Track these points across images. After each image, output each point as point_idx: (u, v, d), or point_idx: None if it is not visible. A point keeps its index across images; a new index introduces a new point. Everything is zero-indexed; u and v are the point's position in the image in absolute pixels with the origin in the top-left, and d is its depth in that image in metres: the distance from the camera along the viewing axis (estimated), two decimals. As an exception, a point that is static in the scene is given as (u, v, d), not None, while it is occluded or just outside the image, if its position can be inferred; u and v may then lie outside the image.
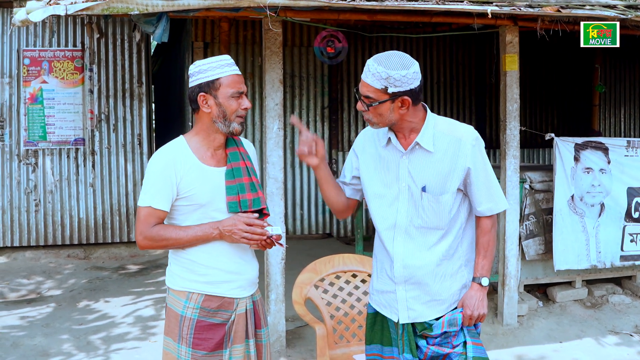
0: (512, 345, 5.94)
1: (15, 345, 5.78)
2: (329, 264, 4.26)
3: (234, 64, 3.03)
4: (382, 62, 2.84)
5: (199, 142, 3.04)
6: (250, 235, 2.96)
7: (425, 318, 3.04)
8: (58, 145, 8.89)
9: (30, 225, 8.86)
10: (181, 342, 3.00)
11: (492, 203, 3.08)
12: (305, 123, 10.28)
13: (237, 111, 2.98)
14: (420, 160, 2.99)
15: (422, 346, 3.06)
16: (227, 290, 3.05)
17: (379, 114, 2.91)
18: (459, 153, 2.97)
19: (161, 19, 5.19)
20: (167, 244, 3.00)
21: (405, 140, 3.02)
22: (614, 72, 12.32)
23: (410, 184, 2.99)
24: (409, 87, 2.86)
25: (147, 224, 2.97)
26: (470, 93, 11.28)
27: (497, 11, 5.43)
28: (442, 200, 2.98)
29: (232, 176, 3.04)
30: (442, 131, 3.01)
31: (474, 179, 3.01)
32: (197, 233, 2.97)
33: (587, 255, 6.66)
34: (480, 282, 3.09)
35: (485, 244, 3.12)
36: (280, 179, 5.59)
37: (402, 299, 3.05)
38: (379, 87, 2.84)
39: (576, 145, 6.53)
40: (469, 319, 3.05)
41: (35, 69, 8.79)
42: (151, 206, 2.96)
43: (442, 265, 3.03)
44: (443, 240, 3.03)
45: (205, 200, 2.99)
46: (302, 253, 8.12)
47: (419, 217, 3.00)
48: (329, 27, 6.90)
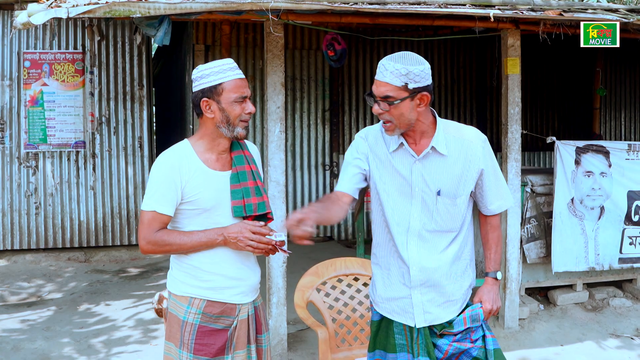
0: (513, 348, 5.93)
1: (15, 348, 5.77)
2: (330, 268, 4.25)
3: (237, 68, 3.01)
4: (399, 60, 2.82)
5: (204, 146, 3.01)
6: (256, 244, 2.94)
7: (441, 320, 3.06)
8: (58, 148, 8.88)
9: (31, 228, 8.85)
10: (182, 347, 2.98)
11: (502, 200, 3.15)
12: (307, 126, 10.29)
13: (241, 116, 2.96)
14: (434, 164, 2.98)
15: (442, 345, 3.06)
16: (230, 296, 3.04)
17: (400, 114, 2.87)
18: (471, 155, 2.99)
19: (163, 22, 5.18)
20: (171, 249, 2.97)
21: (416, 145, 2.99)
22: (615, 75, 12.33)
23: (425, 189, 2.98)
24: (427, 83, 2.85)
25: (151, 229, 2.94)
26: (472, 96, 11.28)
27: (499, 15, 5.43)
28: (457, 203, 3.00)
29: (237, 180, 3.02)
30: (453, 134, 3.01)
31: (486, 179, 3.05)
32: (201, 239, 2.95)
33: (585, 258, 6.65)
34: (495, 276, 3.18)
35: (496, 239, 3.22)
36: (282, 182, 5.59)
37: (418, 302, 3.04)
38: (399, 85, 2.81)
39: (577, 149, 6.53)
40: (488, 313, 3.11)
41: (35, 71, 8.79)
42: (155, 211, 2.93)
43: (454, 266, 3.06)
44: (454, 242, 3.05)
45: (210, 204, 2.97)
46: (303, 256, 8.09)
47: (432, 221, 3.00)
48: (331, 30, 6.91)
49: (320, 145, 10.38)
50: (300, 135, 10.29)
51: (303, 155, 10.31)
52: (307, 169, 10.32)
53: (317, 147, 10.37)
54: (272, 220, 3.18)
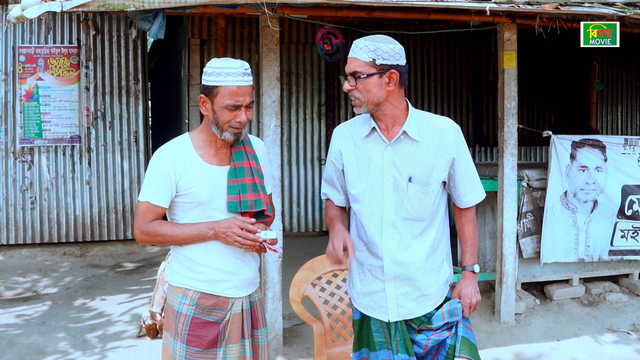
0: (509, 343, 5.93)
1: (11, 343, 5.76)
2: (326, 262, 4.24)
3: (246, 74, 2.96)
4: (369, 38, 2.93)
5: (203, 140, 3.04)
6: (243, 240, 2.95)
7: (416, 314, 3.06)
8: (54, 142, 8.85)
9: (26, 223, 8.83)
10: (177, 337, 3.02)
11: (475, 193, 3.16)
12: (302, 120, 10.27)
13: (231, 122, 2.95)
14: (405, 150, 2.98)
15: (420, 340, 3.06)
16: (223, 289, 3.04)
17: (367, 90, 2.90)
18: (444, 144, 2.99)
19: (157, 16, 5.16)
20: (163, 240, 3.03)
21: (389, 132, 3.01)
22: (612, 69, 12.33)
23: (396, 175, 2.98)
24: (397, 62, 2.89)
25: (145, 219, 3.00)
26: (468, 91, 11.27)
27: (495, 8, 5.41)
28: (428, 190, 2.99)
29: (234, 175, 3.02)
30: (426, 122, 3.03)
31: (458, 169, 3.05)
32: (192, 232, 2.98)
33: (575, 249, 6.67)
34: (472, 269, 3.17)
35: (471, 232, 3.22)
36: (278, 177, 5.57)
37: (392, 296, 3.04)
38: (367, 60, 2.88)
39: (573, 143, 6.52)
40: (468, 307, 3.11)
41: (30, 66, 8.75)
42: (149, 202, 2.99)
43: (429, 260, 3.06)
44: (427, 233, 3.04)
45: (204, 198, 2.98)
46: (299, 251, 8.10)
47: (402, 209, 2.99)
48: (327, 24, 6.88)
49: (316, 140, 10.37)
50: (296, 129, 10.28)
51: (299, 149, 10.29)
52: (302, 164, 10.31)
53: (312, 141, 10.36)
54: (271, 218, 3.18)
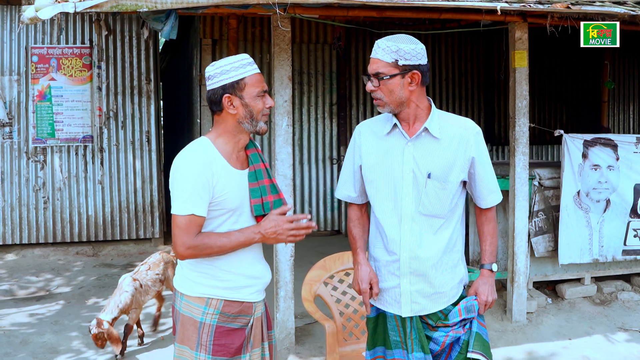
0: (521, 342, 5.92)
1: (24, 342, 5.80)
2: (338, 261, 4.26)
3: (254, 63, 2.95)
4: (392, 39, 2.95)
5: (224, 144, 2.93)
6: (297, 232, 2.91)
7: (428, 311, 3.08)
8: (66, 142, 8.91)
9: (39, 223, 8.89)
10: (200, 349, 2.91)
11: (494, 194, 3.20)
12: (314, 120, 10.29)
13: (263, 110, 2.91)
14: (426, 146, 3.01)
15: (438, 337, 3.08)
16: (247, 294, 2.98)
17: (390, 91, 2.94)
18: (463, 143, 3.02)
19: (170, 16, 5.19)
20: (211, 252, 2.86)
21: (410, 128, 3.03)
22: (624, 68, 12.28)
23: (415, 170, 3.01)
24: (418, 62, 2.93)
25: (190, 234, 2.81)
26: (479, 90, 11.26)
27: (506, 8, 5.41)
28: (446, 188, 3.01)
29: (255, 178, 2.97)
30: (447, 121, 3.07)
31: (477, 169, 3.08)
32: (239, 239, 2.87)
33: (589, 250, 6.65)
34: (490, 268, 3.19)
35: (491, 231, 3.24)
36: (289, 176, 5.59)
37: (407, 292, 3.06)
38: (390, 61, 2.91)
39: (585, 142, 6.50)
40: (484, 305, 3.13)
41: (43, 66, 8.81)
42: (194, 214, 2.80)
43: (445, 257, 3.08)
44: (444, 230, 3.07)
45: (235, 204, 2.90)
46: (311, 250, 8.12)
47: (421, 204, 3.02)
48: (338, 24, 6.89)
49: (327, 139, 10.38)
50: (308, 129, 10.29)
51: (310, 149, 10.31)
52: (314, 163, 10.33)
53: (324, 140, 10.37)
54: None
